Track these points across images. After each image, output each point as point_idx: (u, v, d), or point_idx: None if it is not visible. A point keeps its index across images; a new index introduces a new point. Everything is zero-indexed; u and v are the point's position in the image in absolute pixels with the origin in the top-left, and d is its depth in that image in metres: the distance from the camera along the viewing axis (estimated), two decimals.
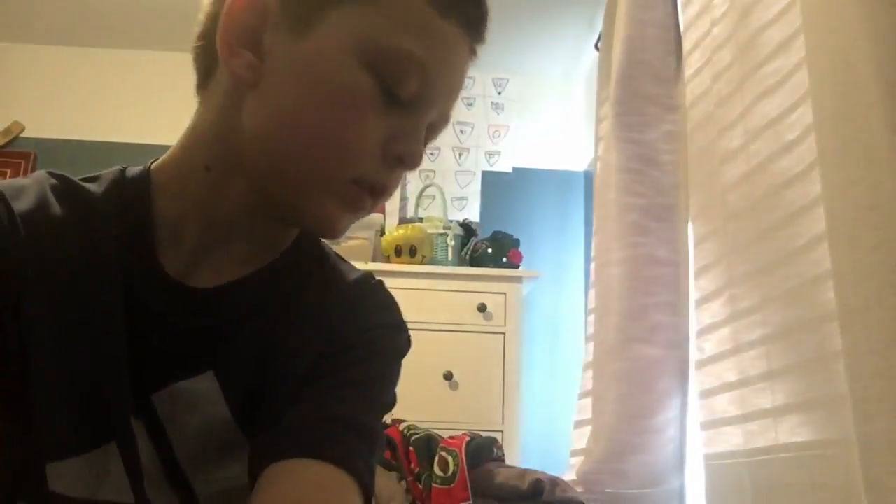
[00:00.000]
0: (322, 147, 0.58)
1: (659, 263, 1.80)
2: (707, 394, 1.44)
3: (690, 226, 1.65)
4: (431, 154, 3.05)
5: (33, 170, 2.97)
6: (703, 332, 1.48)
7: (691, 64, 1.67)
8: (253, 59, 0.58)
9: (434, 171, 3.03)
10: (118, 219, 0.61)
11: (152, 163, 0.66)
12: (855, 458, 0.89)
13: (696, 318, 1.53)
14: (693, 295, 1.59)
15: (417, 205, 2.90)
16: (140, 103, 3.00)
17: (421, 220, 2.74)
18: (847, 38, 0.94)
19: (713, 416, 1.40)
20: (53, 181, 0.62)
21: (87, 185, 0.63)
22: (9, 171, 2.93)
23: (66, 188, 0.62)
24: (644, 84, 1.91)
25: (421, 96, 0.59)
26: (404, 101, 0.59)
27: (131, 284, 0.60)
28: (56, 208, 0.60)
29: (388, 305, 0.72)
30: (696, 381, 1.51)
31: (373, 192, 0.61)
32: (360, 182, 0.59)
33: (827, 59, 0.99)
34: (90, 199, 0.62)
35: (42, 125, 3.00)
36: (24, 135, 3.01)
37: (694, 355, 1.57)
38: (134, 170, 0.65)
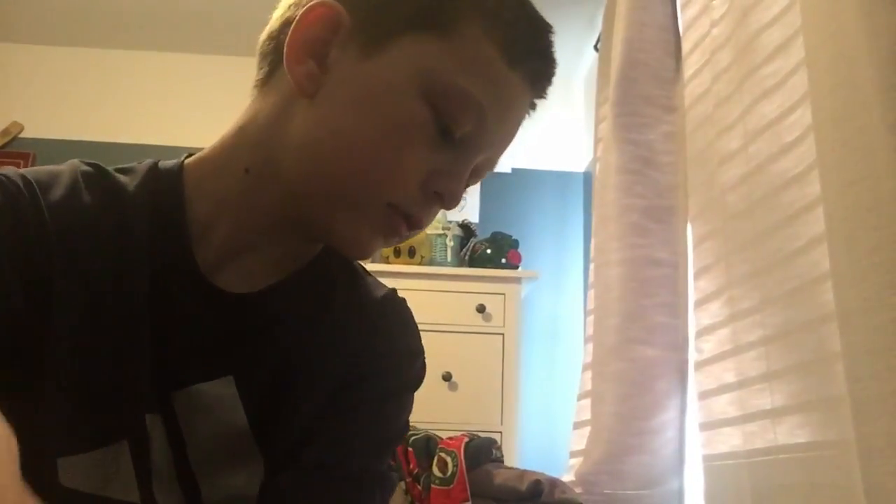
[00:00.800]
0: (366, 167, 0.58)
1: (658, 264, 1.80)
2: (706, 395, 1.44)
3: (690, 227, 1.65)
4: None
5: None
6: (703, 333, 1.48)
7: (691, 65, 1.67)
8: (316, 69, 0.59)
9: None
10: (150, 212, 0.61)
11: (187, 157, 0.66)
12: (854, 460, 0.89)
13: (696, 319, 1.53)
14: (692, 296, 1.59)
15: None
16: (140, 104, 3.00)
17: None
18: (847, 38, 0.94)
19: (712, 417, 1.40)
20: (87, 169, 0.62)
21: (120, 177, 0.63)
22: None
23: (98, 178, 0.61)
24: (643, 85, 1.91)
25: (473, 139, 0.60)
26: (456, 141, 0.59)
27: (162, 280, 0.60)
28: (87, 199, 0.59)
29: (409, 327, 0.73)
30: (696, 381, 1.51)
31: (408, 222, 0.61)
32: (397, 209, 0.59)
33: (826, 60, 0.99)
34: (122, 191, 0.61)
35: (41, 125, 3.00)
36: (22, 135, 3.01)
37: (693, 356, 1.57)
38: (168, 163, 0.65)
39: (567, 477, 1.80)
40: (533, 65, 0.62)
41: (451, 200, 0.61)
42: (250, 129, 0.63)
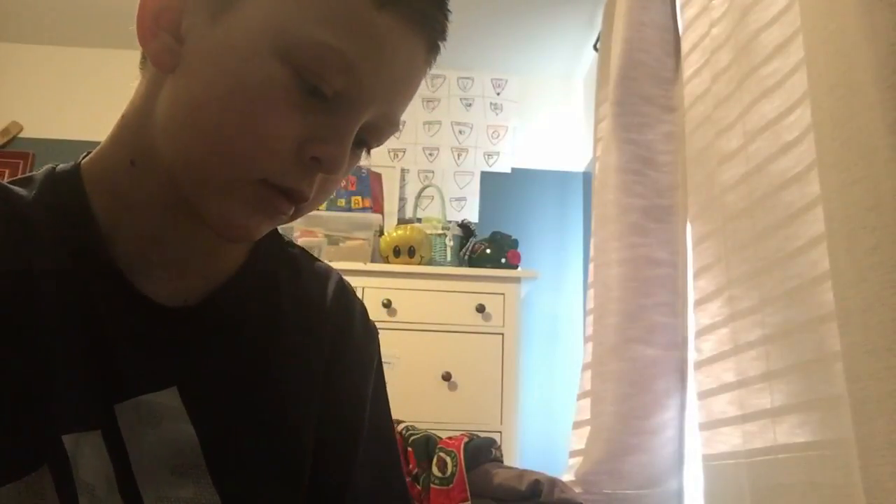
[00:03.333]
0: (227, 143, 0.53)
1: (658, 264, 1.80)
2: (706, 394, 1.44)
3: (689, 226, 1.65)
4: (430, 154, 3.05)
5: (31, 170, 2.97)
6: (702, 332, 1.48)
7: (690, 64, 1.67)
8: (172, 41, 0.55)
9: (433, 172, 3.03)
10: (55, 221, 0.57)
11: (84, 157, 0.62)
12: (853, 459, 0.89)
13: (695, 319, 1.53)
14: (692, 295, 1.59)
15: (416, 205, 2.90)
16: None
17: (420, 220, 2.74)
18: (846, 38, 0.94)
19: (712, 417, 1.40)
20: None
21: (17, 189, 0.59)
22: (7, 171, 2.93)
23: None
24: (643, 85, 1.91)
25: (349, 96, 0.54)
26: (329, 99, 0.53)
27: (83, 291, 0.56)
28: None
29: (358, 307, 0.72)
30: (695, 381, 1.51)
31: (288, 196, 0.55)
32: (273, 185, 0.54)
33: (826, 60, 0.99)
34: (22, 206, 0.57)
35: (40, 125, 3.00)
36: (22, 135, 3.01)
37: (693, 356, 1.57)
38: (64, 166, 0.61)
39: (567, 477, 1.80)
40: (410, 3, 0.54)
41: (332, 165, 0.54)
42: (130, 116, 0.60)
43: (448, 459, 1.56)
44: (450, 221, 2.72)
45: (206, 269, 0.62)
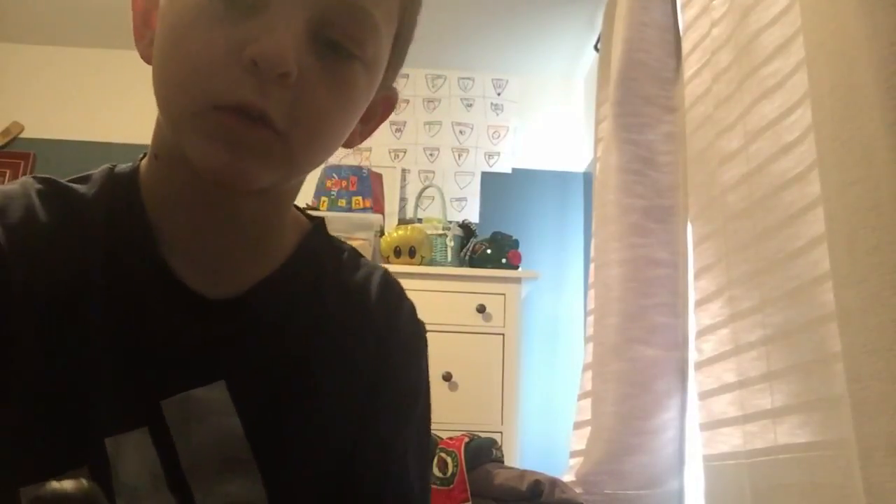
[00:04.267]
0: (170, 79, 0.53)
1: (658, 264, 1.80)
2: (706, 395, 1.44)
3: (690, 227, 1.65)
4: (431, 155, 3.05)
5: (33, 170, 2.98)
6: (703, 332, 1.48)
7: (691, 65, 1.67)
8: (153, 34, 0.56)
9: (433, 172, 3.03)
10: (111, 222, 0.59)
11: (143, 157, 0.63)
12: (854, 460, 0.89)
13: (696, 319, 1.53)
14: (692, 296, 1.59)
15: (417, 206, 2.90)
16: (140, 104, 2.99)
17: (420, 220, 2.74)
18: (847, 38, 0.94)
19: (712, 417, 1.40)
20: (40, 187, 0.60)
21: (77, 187, 0.61)
22: (8, 171, 2.93)
23: (54, 193, 0.59)
24: (643, 85, 1.91)
25: None
26: (250, 4, 0.51)
27: (135, 291, 0.58)
28: (44, 217, 0.57)
29: (405, 303, 0.71)
30: (696, 381, 1.51)
31: (244, 115, 0.51)
32: (224, 107, 0.50)
33: (826, 60, 0.99)
34: (80, 204, 0.59)
35: (41, 126, 3.00)
36: (23, 135, 3.01)
37: (693, 356, 1.57)
38: (123, 167, 0.63)
39: (567, 477, 1.80)
40: None
41: (269, 62, 0.49)
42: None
43: (449, 460, 1.56)
44: (450, 222, 2.72)
45: (250, 263, 0.62)
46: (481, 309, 2.39)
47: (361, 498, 0.63)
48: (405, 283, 0.74)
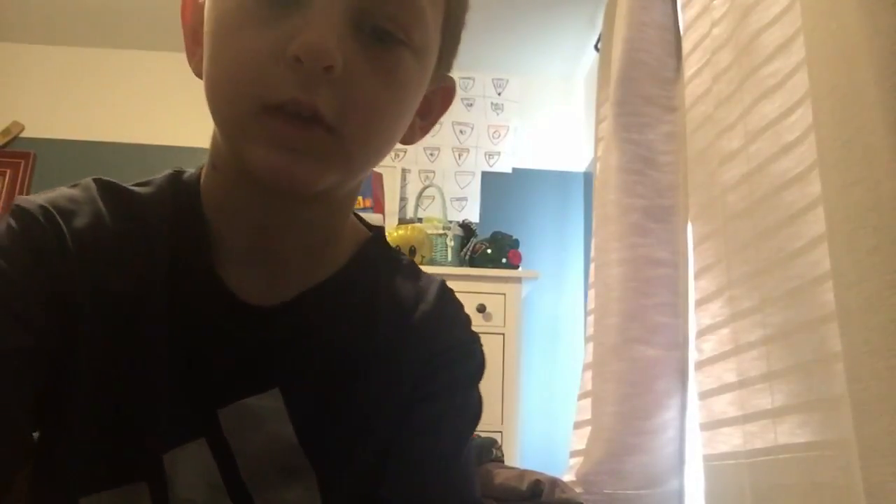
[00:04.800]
0: (218, 85, 0.52)
1: (658, 264, 1.80)
2: (706, 394, 1.44)
3: (690, 226, 1.65)
4: (431, 154, 3.05)
5: (32, 170, 2.97)
6: (703, 332, 1.48)
7: (691, 65, 1.67)
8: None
9: (433, 172, 3.03)
10: (173, 231, 0.59)
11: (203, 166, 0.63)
12: (854, 460, 0.89)
13: (696, 319, 1.53)
14: (693, 296, 1.59)
15: (417, 205, 2.90)
16: (140, 103, 3.00)
17: (420, 220, 2.75)
18: (847, 38, 0.94)
19: (712, 417, 1.40)
20: (106, 193, 0.59)
21: (140, 193, 0.60)
22: (8, 171, 2.93)
23: (120, 200, 0.59)
24: (644, 85, 1.91)
25: None
26: (290, 1, 0.50)
27: (190, 299, 0.57)
28: (111, 225, 0.57)
29: (461, 317, 0.69)
30: (696, 381, 1.51)
31: (300, 117, 0.49)
32: (274, 108, 0.50)
33: (827, 60, 0.99)
34: (145, 209, 0.59)
35: (41, 125, 3.00)
36: (23, 135, 3.01)
37: (693, 356, 1.57)
38: (189, 174, 0.62)
39: (567, 477, 1.80)
40: None
41: (312, 55, 0.48)
42: None
43: None
44: (450, 221, 2.72)
45: (307, 270, 0.61)
46: (481, 308, 2.39)
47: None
48: None
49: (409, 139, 0.61)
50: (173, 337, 0.56)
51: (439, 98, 0.64)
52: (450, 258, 2.58)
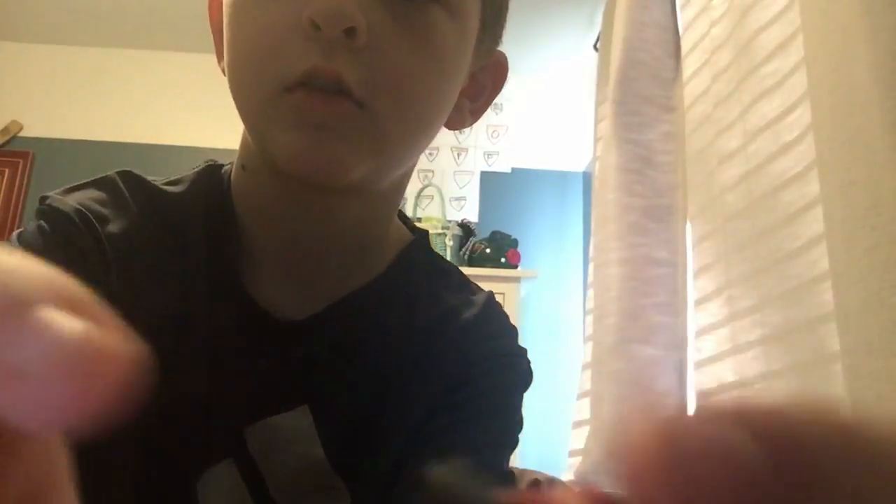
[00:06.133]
0: (240, 71, 0.49)
1: (657, 264, 1.80)
2: (705, 394, 1.44)
3: (689, 226, 1.65)
4: (430, 154, 3.05)
5: (31, 170, 2.97)
6: (702, 332, 1.48)
7: (690, 64, 1.67)
8: None
9: (432, 171, 3.03)
10: (206, 241, 0.54)
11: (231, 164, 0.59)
12: None
13: (695, 319, 1.53)
14: (691, 295, 1.59)
15: (416, 205, 2.90)
16: (139, 103, 3.00)
17: (419, 220, 2.74)
18: (846, 38, 0.94)
19: None
20: (137, 194, 0.55)
21: (172, 192, 0.56)
22: (7, 170, 2.93)
23: (152, 204, 0.55)
24: (643, 84, 1.91)
25: None
26: None
27: (219, 309, 0.53)
28: (146, 228, 0.53)
29: (506, 329, 0.64)
30: (695, 381, 1.51)
31: (322, 90, 0.45)
32: (293, 85, 0.45)
33: (826, 60, 0.99)
34: (178, 219, 0.55)
35: (40, 125, 3.00)
36: (22, 134, 3.01)
37: (692, 356, 1.57)
38: (222, 172, 0.58)
39: (566, 476, 1.80)
40: None
41: (328, 16, 0.43)
42: None
43: None
44: (449, 221, 2.72)
45: (342, 280, 0.56)
46: None
47: None
48: None
49: (457, 123, 0.56)
50: (204, 353, 0.53)
51: (489, 76, 0.58)
52: (449, 258, 2.58)
